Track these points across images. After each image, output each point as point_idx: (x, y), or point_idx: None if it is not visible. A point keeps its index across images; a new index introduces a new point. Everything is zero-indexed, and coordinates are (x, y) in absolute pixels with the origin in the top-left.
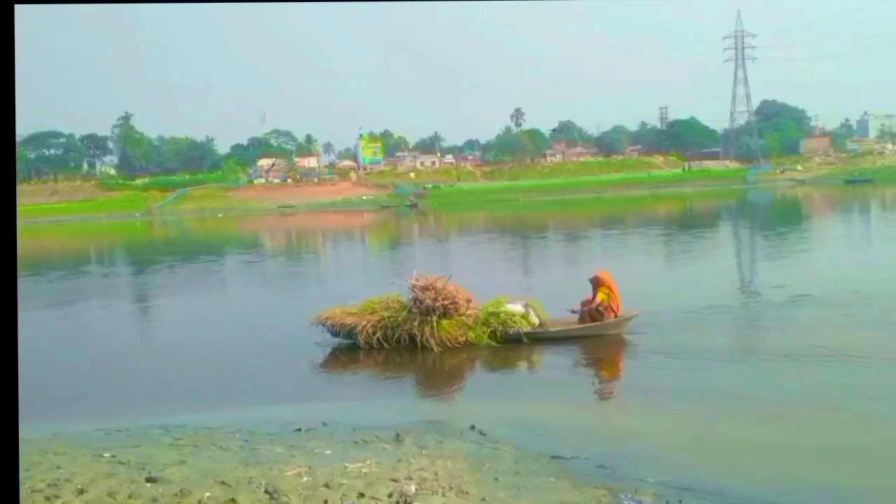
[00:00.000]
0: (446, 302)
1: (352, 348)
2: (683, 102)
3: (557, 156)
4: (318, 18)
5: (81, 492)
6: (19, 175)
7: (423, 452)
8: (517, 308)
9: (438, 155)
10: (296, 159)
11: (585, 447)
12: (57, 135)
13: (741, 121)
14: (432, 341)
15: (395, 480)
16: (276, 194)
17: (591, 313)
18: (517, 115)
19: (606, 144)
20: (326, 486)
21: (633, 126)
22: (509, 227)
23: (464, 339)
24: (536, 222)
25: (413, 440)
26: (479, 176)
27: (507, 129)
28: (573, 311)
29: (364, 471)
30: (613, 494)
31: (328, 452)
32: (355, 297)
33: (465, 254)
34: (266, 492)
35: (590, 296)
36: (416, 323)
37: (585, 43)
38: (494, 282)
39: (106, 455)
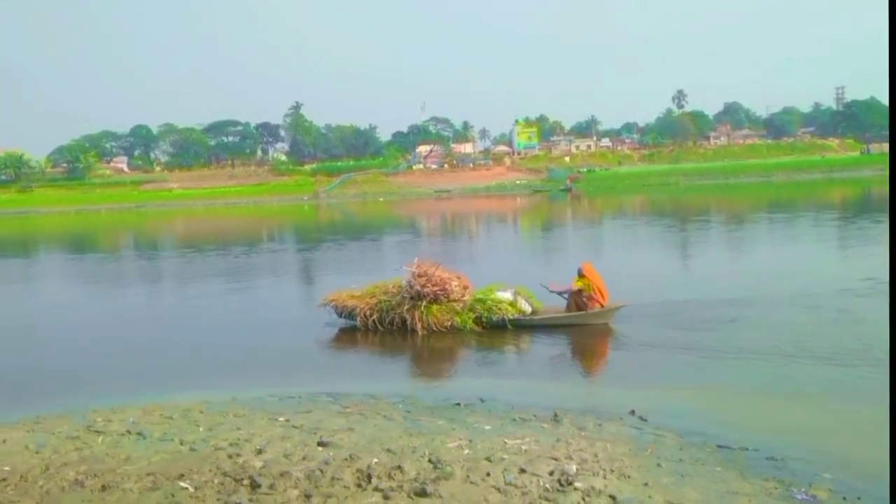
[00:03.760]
0: (436, 288)
1: (353, 328)
2: (862, 82)
3: (722, 138)
4: (478, 6)
5: (260, 452)
6: (201, 160)
7: (582, 434)
8: (506, 296)
9: (594, 138)
10: (452, 145)
11: (753, 438)
12: (234, 123)
13: None
14: (419, 325)
15: (555, 459)
16: (432, 179)
17: (577, 302)
18: (679, 96)
19: (776, 126)
20: (488, 459)
21: (805, 107)
22: (667, 210)
23: (449, 323)
24: (696, 206)
25: (571, 421)
26: (636, 159)
27: (668, 111)
28: (550, 290)
29: (524, 447)
30: (785, 487)
31: (487, 428)
32: (497, 278)
33: (615, 239)
34: (430, 461)
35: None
36: (406, 307)
37: (751, 20)
38: (639, 269)
39: (280, 419)
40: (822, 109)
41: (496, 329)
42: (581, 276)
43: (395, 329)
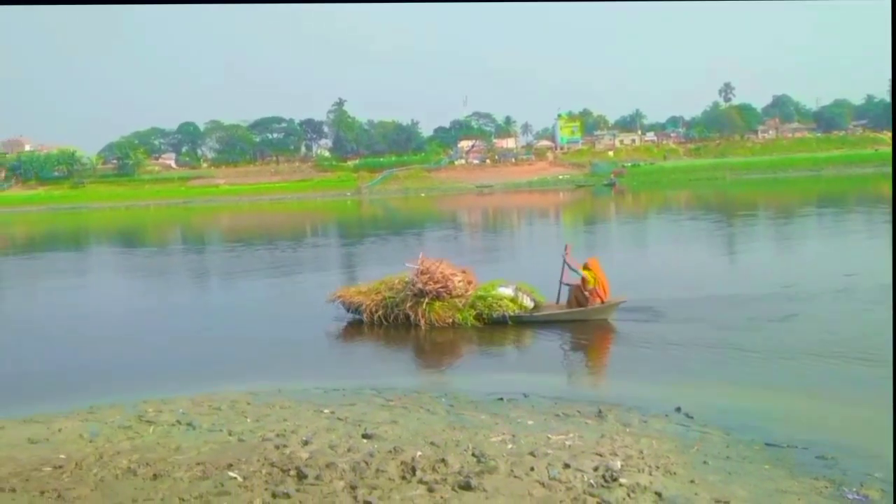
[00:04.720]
0: (438, 286)
1: (358, 323)
2: None
3: (770, 132)
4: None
5: (306, 443)
6: (246, 156)
7: (627, 430)
8: (507, 292)
9: (639, 132)
10: (494, 140)
11: (802, 436)
12: (279, 120)
13: None
14: (422, 321)
15: (599, 455)
16: (474, 174)
17: (577, 298)
18: (726, 89)
19: (826, 120)
20: (531, 454)
21: (857, 100)
22: (713, 206)
23: (451, 320)
24: (743, 201)
25: (615, 417)
26: (682, 153)
27: (715, 105)
28: (564, 258)
29: (567, 443)
30: (835, 487)
31: (530, 423)
32: (533, 274)
33: (659, 234)
34: (473, 455)
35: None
36: (409, 304)
37: (800, 10)
38: (685, 264)
39: (326, 411)
40: (876, 102)
41: (497, 325)
42: (587, 269)
43: (399, 324)
